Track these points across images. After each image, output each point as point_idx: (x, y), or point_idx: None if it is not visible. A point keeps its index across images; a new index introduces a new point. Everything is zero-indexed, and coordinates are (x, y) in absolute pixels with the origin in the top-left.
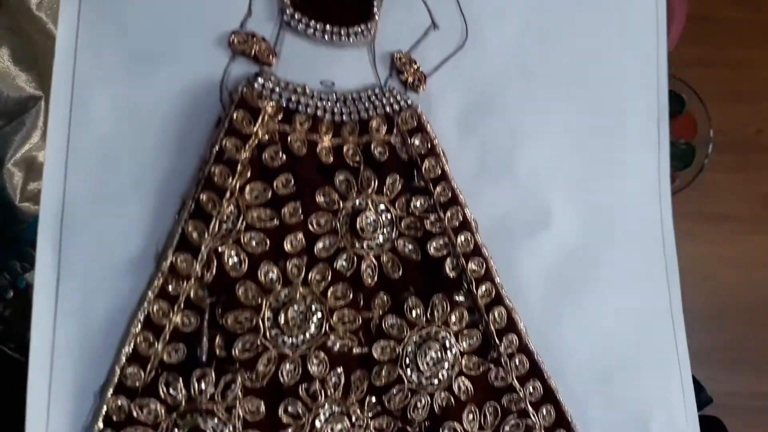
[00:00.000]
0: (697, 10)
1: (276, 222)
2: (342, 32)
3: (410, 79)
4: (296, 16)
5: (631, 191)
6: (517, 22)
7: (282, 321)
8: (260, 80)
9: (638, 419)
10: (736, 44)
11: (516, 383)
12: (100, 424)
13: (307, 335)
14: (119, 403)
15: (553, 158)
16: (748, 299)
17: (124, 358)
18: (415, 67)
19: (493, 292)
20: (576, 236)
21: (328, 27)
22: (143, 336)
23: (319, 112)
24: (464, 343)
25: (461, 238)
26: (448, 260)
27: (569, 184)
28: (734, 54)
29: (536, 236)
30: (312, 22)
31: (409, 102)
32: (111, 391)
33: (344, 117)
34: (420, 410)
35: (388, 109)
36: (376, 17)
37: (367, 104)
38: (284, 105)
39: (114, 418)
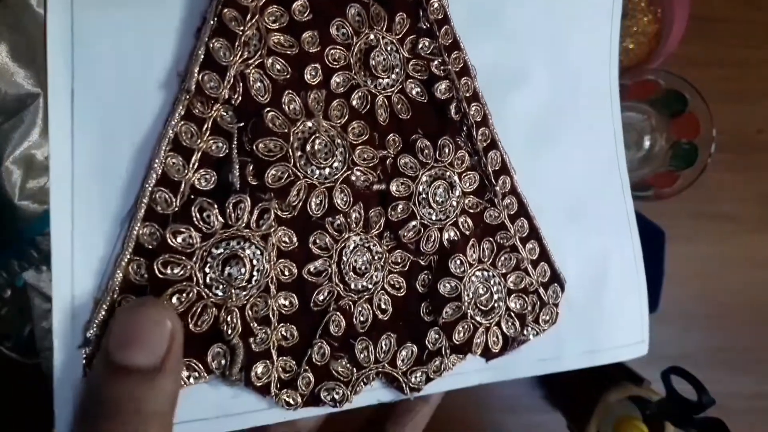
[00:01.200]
0: (699, 9)
1: (296, 49)
2: None
3: None
4: None
5: (587, 56)
6: None
7: (309, 151)
8: None
9: (598, 257)
10: (739, 44)
11: (507, 222)
12: (130, 253)
13: (334, 167)
14: (150, 230)
15: (531, 17)
16: (749, 299)
17: (153, 183)
18: None
19: (489, 137)
20: (547, 91)
21: None
22: (172, 160)
23: None
24: (466, 183)
25: (463, 82)
26: (453, 104)
27: (542, 44)
28: (737, 54)
29: (518, 88)
30: None
31: None
32: (141, 217)
33: None
34: (431, 244)
35: None
36: None
37: None
38: None
39: (146, 245)
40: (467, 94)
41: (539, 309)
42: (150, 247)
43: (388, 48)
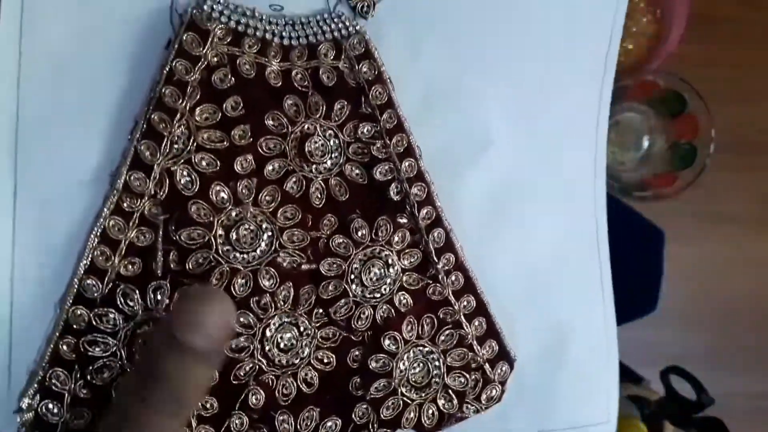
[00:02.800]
0: (698, 9)
1: (226, 143)
2: None
3: (359, 6)
4: None
5: (568, 125)
6: None
7: (234, 238)
8: (209, 2)
9: (559, 332)
10: (739, 44)
11: (452, 297)
12: (61, 332)
13: (258, 251)
14: (79, 312)
15: (496, 87)
16: (748, 299)
17: (82, 271)
18: None
19: (434, 215)
20: (512, 163)
21: None
22: (100, 250)
23: (267, 36)
24: (405, 260)
25: (405, 164)
26: (393, 184)
27: (509, 113)
28: (737, 54)
29: (476, 162)
30: None
31: (358, 28)
32: (70, 301)
33: (293, 41)
34: (363, 320)
35: (336, 34)
36: None
37: (315, 29)
38: (233, 27)
39: (74, 326)
40: (410, 175)
41: (482, 386)
42: (77, 327)
43: (326, 134)
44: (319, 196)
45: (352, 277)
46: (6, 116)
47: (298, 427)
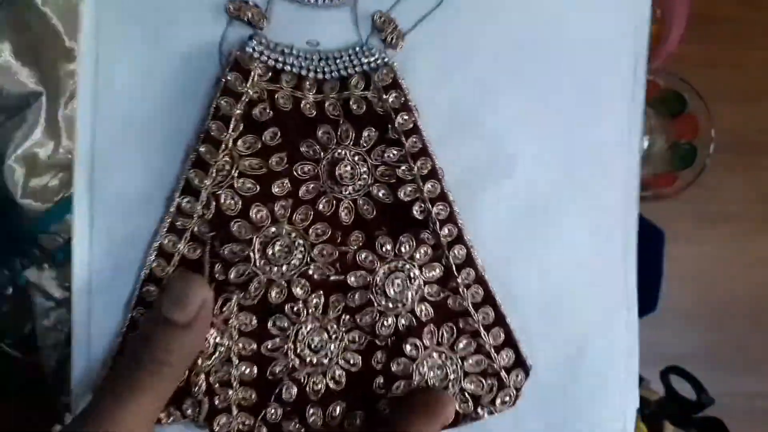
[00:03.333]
0: (698, 9)
1: (265, 170)
2: None
3: (389, 38)
4: None
5: (598, 147)
6: None
7: (270, 253)
8: (251, 43)
9: (579, 343)
10: (738, 44)
11: (471, 309)
12: (127, 329)
13: (291, 264)
14: (141, 313)
15: (522, 112)
16: (748, 299)
17: (143, 278)
18: (394, 26)
19: (455, 233)
20: (538, 185)
21: None
22: (158, 262)
23: (303, 72)
24: (427, 274)
25: (428, 185)
26: (417, 204)
27: (536, 136)
28: (737, 54)
29: (500, 184)
30: None
31: (386, 60)
32: (134, 304)
33: (326, 75)
34: (386, 327)
35: (366, 67)
36: None
37: (347, 62)
38: (272, 65)
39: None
40: (433, 195)
41: (497, 391)
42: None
43: (355, 158)
44: (348, 214)
45: (377, 288)
46: (85, 147)
47: (327, 419)
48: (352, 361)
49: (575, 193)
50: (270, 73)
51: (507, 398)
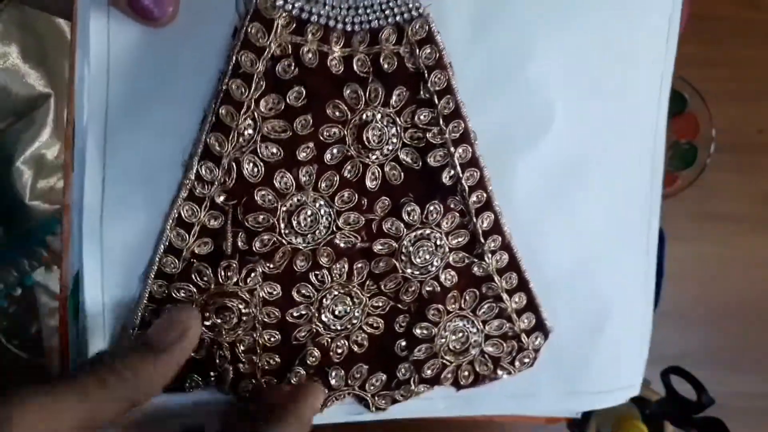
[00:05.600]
0: (698, 8)
1: (289, 133)
2: None
3: None
4: None
5: (631, 109)
6: None
7: (295, 222)
8: None
9: (598, 310)
10: (738, 43)
11: (495, 275)
12: (146, 302)
13: (317, 234)
14: (159, 284)
15: (560, 70)
16: (748, 299)
17: (162, 250)
18: None
19: (484, 199)
20: (571, 146)
21: None
22: (176, 232)
23: (330, 22)
24: (453, 240)
25: (459, 150)
26: (446, 170)
27: (572, 96)
28: (736, 53)
29: (534, 144)
30: None
31: (421, 10)
32: (152, 276)
33: (355, 26)
34: (410, 294)
35: (398, 18)
36: None
37: (378, 13)
38: (297, 15)
39: (156, 296)
40: (463, 161)
41: (516, 353)
42: (160, 297)
43: (384, 121)
44: (375, 180)
45: (403, 257)
46: (97, 107)
47: (348, 381)
48: (374, 325)
49: (606, 159)
50: (294, 24)
51: (526, 360)
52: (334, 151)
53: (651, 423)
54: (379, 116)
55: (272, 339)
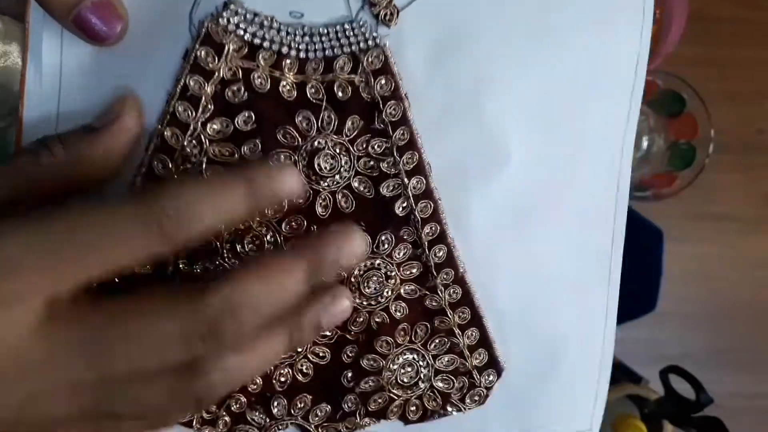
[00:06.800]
0: (697, 9)
1: (236, 157)
2: None
3: (382, 13)
4: None
5: (593, 146)
6: None
7: (239, 248)
8: (226, 13)
9: (554, 346)
10: (737, 44)
11: (448, 309)
12: None
13: None
14: None
15: (519, 105)
16: (748, 299)
17: None
18: (388, 0)
19: (438, 231)
20: (529, 181)
21: None
22: None
23: (284, 49)
24: (405, 272)
25: (413, 181)
26: (399, 200)
27: (532, 131)
28: (736, 54)
29: (491, 178)
30: None
31: (378, 41)
32: None
33: (309, 54)
34: (359, 324)
35: (354, 47)
36: None
37: (334, 42)
38: (249, 40)
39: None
40: (417, 193)
41: (467, 390)
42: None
43: (337, 149)
44: (325, 208)
45: (352, 286)
46: (46, 124)
47: (291, 410)
48: (321, 354)
49: (563, 194)
50: (246, 49)
51: (477, 397)
52: None
53: (650, 422)
54: (331, 144)
55: None
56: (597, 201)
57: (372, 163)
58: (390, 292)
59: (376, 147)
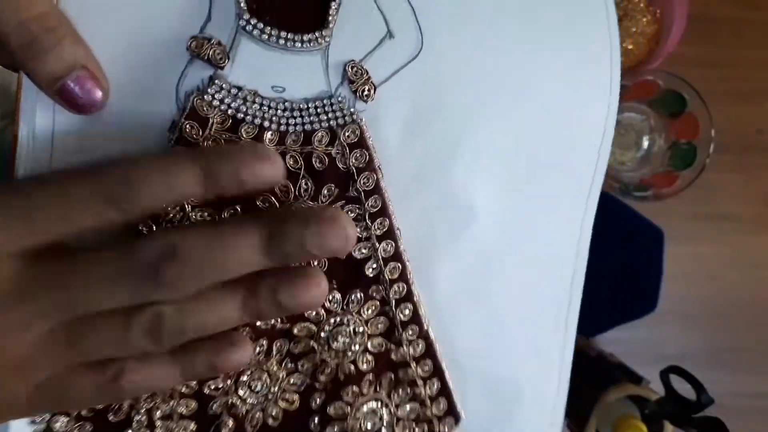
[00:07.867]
0: (697, 9)
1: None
2: (296, 38)
3: (360, 90)
4: (252, 21)
5: (556, 199)
6: (472, 35)
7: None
8: (211, 90)
9: (506, 400)
10: (739, 44)
11: (412, 362)
12: None
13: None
14: None
15: (488, 162)
16: (748, 299)
17: None
18: (366, 77)
19: (405, 291)
20: (492, 238)
21: (282, 33)
22: None
23: (265, 123)
24: (372, 327)
25: (383, 245)
26: (370, 262)
27: (498, 184)
28: (736, 54)
29: (456, 238)
30: (267, 28)
31: (354, 116)
32: None
33: (290, 128)
34: (327, 375)
35: (332, 122)
36: (331, 25)
37: (313, 116)
38: (232, 115)
39: None
40: (387, 256)
41: None
42: None
43: None
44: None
45: (321, 340)
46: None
47: None
48: (290, 400)
49: (524, 249)
50: (230, 122)
51: None
52: None
53: (650, 422)
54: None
55: (189, 407)
56: (557, 254)
57: None
58: (357, 347)
59: (349, 213)
